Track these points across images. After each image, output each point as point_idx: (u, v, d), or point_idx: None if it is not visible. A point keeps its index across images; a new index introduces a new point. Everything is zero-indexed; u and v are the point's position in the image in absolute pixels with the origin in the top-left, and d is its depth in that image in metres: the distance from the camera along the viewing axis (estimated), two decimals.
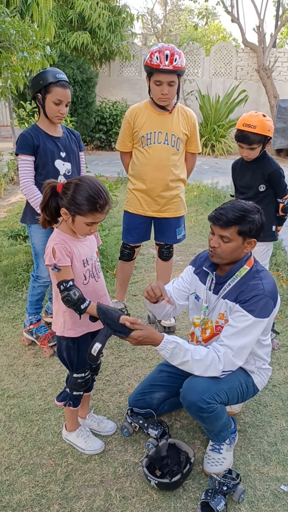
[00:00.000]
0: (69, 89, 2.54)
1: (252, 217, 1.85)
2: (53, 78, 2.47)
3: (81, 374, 1.96)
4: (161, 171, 2.78)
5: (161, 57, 2.51)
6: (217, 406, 1.85)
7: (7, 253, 4.29)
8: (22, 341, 2.92)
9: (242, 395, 1.99)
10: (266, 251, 2.83)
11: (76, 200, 1.69)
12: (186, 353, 1.82)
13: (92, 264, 1.90)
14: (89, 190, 1.69)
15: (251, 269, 1.94)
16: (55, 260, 1.73)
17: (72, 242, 1.80)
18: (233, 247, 1.88)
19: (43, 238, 2.67)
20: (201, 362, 1.82)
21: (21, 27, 3.43)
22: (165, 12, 16.94)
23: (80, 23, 10.20)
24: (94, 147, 11.41)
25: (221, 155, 10.78)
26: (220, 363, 1.81)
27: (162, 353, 1.85)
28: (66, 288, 1.73)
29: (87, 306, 1.75)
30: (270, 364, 2.56)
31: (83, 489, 1.87)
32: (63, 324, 1.86)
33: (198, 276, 2.11)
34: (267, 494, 1.86)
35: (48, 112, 2.53)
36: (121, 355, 2.80)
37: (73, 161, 2.68)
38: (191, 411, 1.91)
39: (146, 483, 1.89)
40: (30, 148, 2.52)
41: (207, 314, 2.04)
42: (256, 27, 12.38)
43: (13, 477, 1.92)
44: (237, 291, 1.91)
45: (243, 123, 2.57)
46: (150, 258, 4.36)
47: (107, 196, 1.73)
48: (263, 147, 2.61)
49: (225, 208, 1.87)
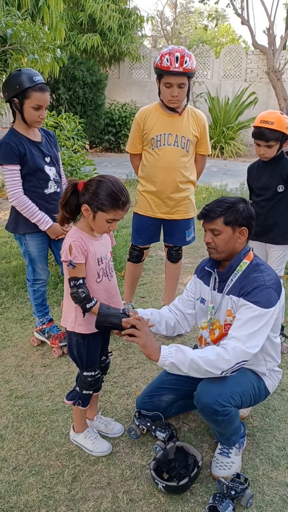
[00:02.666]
0: (47, 91, 2.45)
1: (237, 206, 1.91)
2: (30, 82, 2.36)
3: (91, 372, 1.96)
4: (171, 173, 2.78)
5: (172, 59, 2.51)
6: (231, 409, 1.84)
7: (16, 254, 4.31)
8: (32, 341, 2.92)
9: (254, 398, 1.98)
10: (282, 256, 2.80)
11: (99, 196, 1.72)
12: (188, 352, 1.80)
13: (106, 263, 1.92)
14: (112, 187, 1.72)
15: (251, 262, 1.96)
16: (71, 256, 1.76)
17: (88, 240, 1.82)
18: (225, 238, 1.92)
19: (38, 245, 2.67)
20: (205, 359, 1.79)
21: (32, 29, 3.45)
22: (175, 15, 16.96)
23: (90, 25, 10.25)
24: (103, 149, 11.45)
25: (230, 157, 10.75)
26: (227, 354, 1.78)
27: (170, 360, 1.79)
28: (76, 285, 1.78)
29: (92, 306, 1.80)
30: (279, 368, 2.55)
31: (90, 491, 1.86)
32: (75, 320, 1.88)
33: (202, 280, 2.13)
34: (276, 499, 1.84)
35: (27, 117, 2.45)
36: (129, 357, 2.79)
37: (56, 164, 2.66)
38: (205, 414, 1.89)
39: (153, 486, 1.88)
40: (16, 157, 2.45)
41: (214, 314, 2.04)
42: (266, 29, 12.34)
43: (20, 477, 1.92)
44: (239, 285, 1.92)
45: (260, 120, 2.56)
46: (159, 260, 4.35)
47: (128, 194, 1.77)
48: (280, 145, 2.59)
49: (210, 204, 1.97)
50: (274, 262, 2.78)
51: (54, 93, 9.67)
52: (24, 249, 2.70)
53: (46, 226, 2.57)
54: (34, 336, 2.93)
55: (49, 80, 9.10)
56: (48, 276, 2.82)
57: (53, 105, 9.71)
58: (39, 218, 2.54)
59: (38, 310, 2.87)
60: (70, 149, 4.28)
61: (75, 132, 4.45)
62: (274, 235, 2.75)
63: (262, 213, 2.75)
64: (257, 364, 1.99)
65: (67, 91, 9.66)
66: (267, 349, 1.98)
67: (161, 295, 3.56)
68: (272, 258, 2.80)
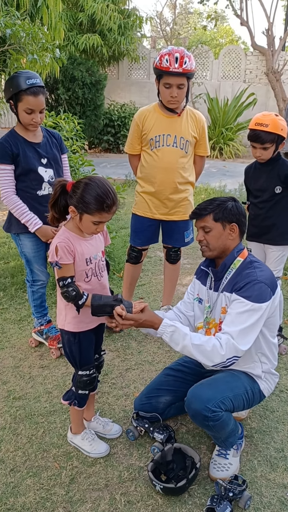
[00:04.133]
0: (42, 94, 2.41)
1: (226, 204, 1.95)
2: (23, 85, 2.33)
3: (86, 371, 1.96)
4: (169, 173, 2.77)
5: (171, 60, 2.50)
6: (222, 414, 1.83)
7: (14, 255, 4.30)
8: (30, 342, 2.92)
9: (248, 402, 1.97)
10: (280, 257, 2.80)
11: (84, 199, 1.72)
12: (184, 337, 1.83)
13: (96, 263, 1.91)
14: (97, 189, 1.72)
15: (245, 260, 1.97)
16: (57, 257, 1.77)
17: (76, 241, 1.83)
18: (216, 235, 1.95)
19: (33, 245, 2.65)
20: (202, 347, 1.81)
21: (31, 30, 3.45)
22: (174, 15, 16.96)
23: (90, 25, 10.24)
24: (102, 150, 11.44)
25: (229, 158, 10.76)
26: (222, 349, 1.80)
27: (163, 337, 1.87)
28: (65, 285, 1.80)
29: (84, 301, 1.82)
30: (277, 369, 2.55)
31: (88, 493, 1.86)
32: (65, 318, 1.91)
33: (200, 280, 2.15)
34: (274, 501, 1.84)
35: (21, 120, 2.45)
36: (127, 358, 2.79)
37: (55, 166, 2.63)
38: (196, 420, 1.89)
39: (151, 488, 1.87)
40: (8, 156, 2.44)
41: (210, 313, 2.05)
42: (265, 30, 12.36)
43: (17, 479, 1.92)
44: (233, 282, 1.94)
45: (255, 122, 2.57)
46: (157, 261, 4.35)
47: (115, 197, 1.76)
48: (276, 147, 2.60)
49: (200, 203, 2.01)
50: (273, 263, 2.78)
51: (53, 94, 9.66)
52: (20, 249, 2.70)
53: (34, 227, 2.54)
54: (32, 337, 2.92)
55: (49, 80, 9.11)
56: (47, 277, 2.81)
57: (52, 105, 9.70)
58: (27, 219, 2.52)
59: (37, 311, 2.87)
60: (69, 150, 4.27)
61: (74, 133, 4.44)
62: (273, 236, 2.75)
63: (260, 214, 2.75)
64: (252, 366, 1.98)
65: (66, 92, 9.65)
66: (263, 348, 1.97)
67: (160, 296, 3.55)
68: (270, 259, 2.80)
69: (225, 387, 1.89)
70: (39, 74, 4.21)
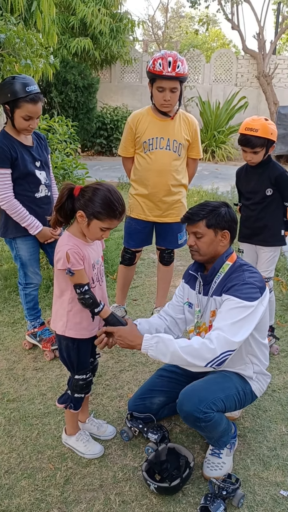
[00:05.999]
0: (41, 101, 2.42)
1: (219, 210, 1.95)
2: (22, 92, 2.33)
3: (82, 375, 1.97)
4: (163, 176, 2.80)
5: (164, 64, 2.53)
6: (214, 414, 1.85)
7: (7, 258, 4.30)
8: (23, 345, 2.92)
9: (239, 402, 1.99)
10: (272, 258, 2.83)
11: (95, 205, 1.72)
12: (170, 343, 1.81)
13: (98, 268, 1.93)
14: (110, 196, 1.72)
15: (234, 264, 1.98)
16: (69, 264, 1.76)
17: (83, 246, 1.83)
18: (207, 241, 1.95)
19: (29, 248, 2.66)
20: (189, 348, 1.79)
21: (25, 35, 3.45)
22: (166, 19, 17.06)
23: (82, 29, 10.27)
24: (95, 153, 11.45)
25: (221, 161, 10.83)
26: (211, 343, 1.77)
27: (149, 352, 1.85)
28: (82, 292, 1.79)
29: (100, 310, 1.84)
30: (269, 369, 2.57)
31: (83, 493, 1.87)
32: (65, 324, 1.88)
33: (189, 284, 2.15)
34: (267, 499, 1.86)
35: (17, 125, 2.44)
36: (121, 360, 2.80)
37: (46, 168, 2.66)
38: (188, 422, 1.91)
39: (145, 488, 1.89)
40: (7, 160, 2.44)
41: (200, 318, 2.06)
42: (256, 34, 12.47)
43: (12, 481, 1.92)
44: (222, 285, 1.95)
45: (245, 127, 2.59)
46: (151, 263, 4.37)
47: (124, 204, 1.79)
48: (266, 151, 2.63)
49: (193, 208, 2.00)
50: (264, 263, 2.81)
51: (46, 97, 9.67)
52: (15, 253, 2.70)
53: (36, 230, 2.58)
54: (26, 340, 2.93)
55: (41, 83, 9.11)
56: (40, 280, 2.82)
57: (45, 108, 9.71)
58: (29, 223, 2.55)
59: (30, 313, 2.87)
60: (63, 153, 4.28)
61: (67, 136, 4.46)
62: (264, 237, 2.78)
63: (252, 216, 2.78)
64: (243, 368, 2.00)
65: (59, 95, 9.67)
66: (254, 351, 1.99)
67: (153, 298, 3.57)
68: (262, 260, 2.83)
69: (216, 388, 1.90)
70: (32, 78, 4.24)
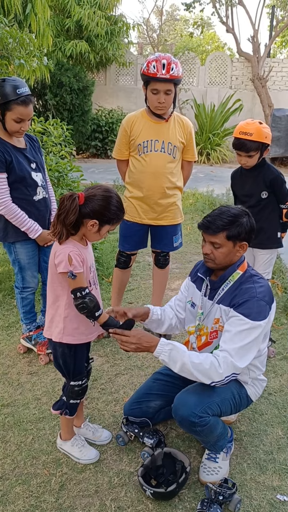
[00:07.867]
0: (32, 103, 2.41)
1: (240, 221, 1.88)
2: (13, 94, 2.32)
3: (78, 381, 1.95)
4: (158, 178, 2.79)
5: (158, 66, 2.53)
6: (209, 419, 1.84)
7: (1, 261, 4.27)
8: (18, 348, 2.90)
9: (235, 407, 1.98)
10: (269, 260, 2.83)
11: (111, 212, 1.76)
12: (183, 355, 1.81)
13: (94, 271, 1.92)
14: (119, 201, 1.79)
15: (244, 273, 1.95)
16: (71, 267, 1.73)
17: (82, 249, 1.82)
18: (225, 252, 1.90)
19: (28, 252, 2.65)
20: (200, 366, 1.79)
21: (19, 36, 3.44)
22: (160, 22, 17.07)
23: (77, 31, 10.27)
24: (90, 155, 11.44)
25: (217, 164, 10.83)
26: (220, 367, 1.79)
27: (161, 357, 1.83)
28: (83, 295, 1.75)
29: (100, 314, 1.82)
30: (265, 372, 2.56)
31: (78, 499, 1.85)
32: (62, 330, 1.85)
33: (195, 284, 2.13)
34: (263, 503, 1.85)
35: (8, 128, 2.43)
36: (117, 363, 2.78)
37: (41, 169, 2.64)
38: (184, 426, 1.90)
39: (141, 493, 1.87)
40: (2, 164, 2.42)
41: (202, 320, 2.04)
42: (251, 37, 12.53)
43: (6, 487, 1.90)
44: (231, 295, 1.92)
45: (239, 131, 2.59)
46: (146, 265, 4.36)
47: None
48: (261, 154, 2.63)
49: (212, 215, 1.91)
50: (261, 266, 2.81)
51: (41, 99, 9.64)
52: (14, 257, 2.67)
53: (36, 234, 2.56)
54: (21, 343, 2.90)
55: (36, 85, 9.09)
56: (37, 284, 2.80)
57: (40, 111, 9.68)
58: (28, 227, 2.53)
59: (26, 317, 2.85)
60: (57, 155, 4.27)
61: (62, 138, 4.44)
62: (261, 239, 2.78)
63: None
64: (240, 373, 1.99)
65: (54, 97, 9.64)
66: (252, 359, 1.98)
67: (149, 301, 3.56)
68: (259, 262, 2.83)
69: (211, 392, 1.89)
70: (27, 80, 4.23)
